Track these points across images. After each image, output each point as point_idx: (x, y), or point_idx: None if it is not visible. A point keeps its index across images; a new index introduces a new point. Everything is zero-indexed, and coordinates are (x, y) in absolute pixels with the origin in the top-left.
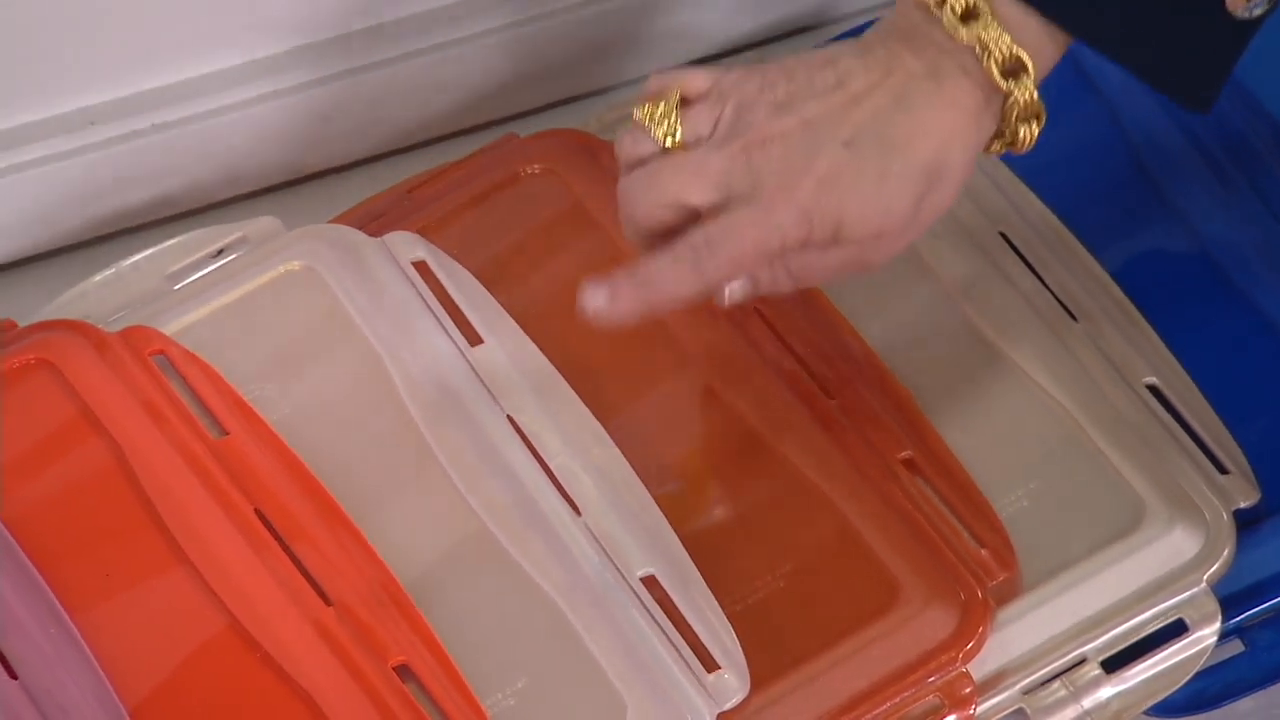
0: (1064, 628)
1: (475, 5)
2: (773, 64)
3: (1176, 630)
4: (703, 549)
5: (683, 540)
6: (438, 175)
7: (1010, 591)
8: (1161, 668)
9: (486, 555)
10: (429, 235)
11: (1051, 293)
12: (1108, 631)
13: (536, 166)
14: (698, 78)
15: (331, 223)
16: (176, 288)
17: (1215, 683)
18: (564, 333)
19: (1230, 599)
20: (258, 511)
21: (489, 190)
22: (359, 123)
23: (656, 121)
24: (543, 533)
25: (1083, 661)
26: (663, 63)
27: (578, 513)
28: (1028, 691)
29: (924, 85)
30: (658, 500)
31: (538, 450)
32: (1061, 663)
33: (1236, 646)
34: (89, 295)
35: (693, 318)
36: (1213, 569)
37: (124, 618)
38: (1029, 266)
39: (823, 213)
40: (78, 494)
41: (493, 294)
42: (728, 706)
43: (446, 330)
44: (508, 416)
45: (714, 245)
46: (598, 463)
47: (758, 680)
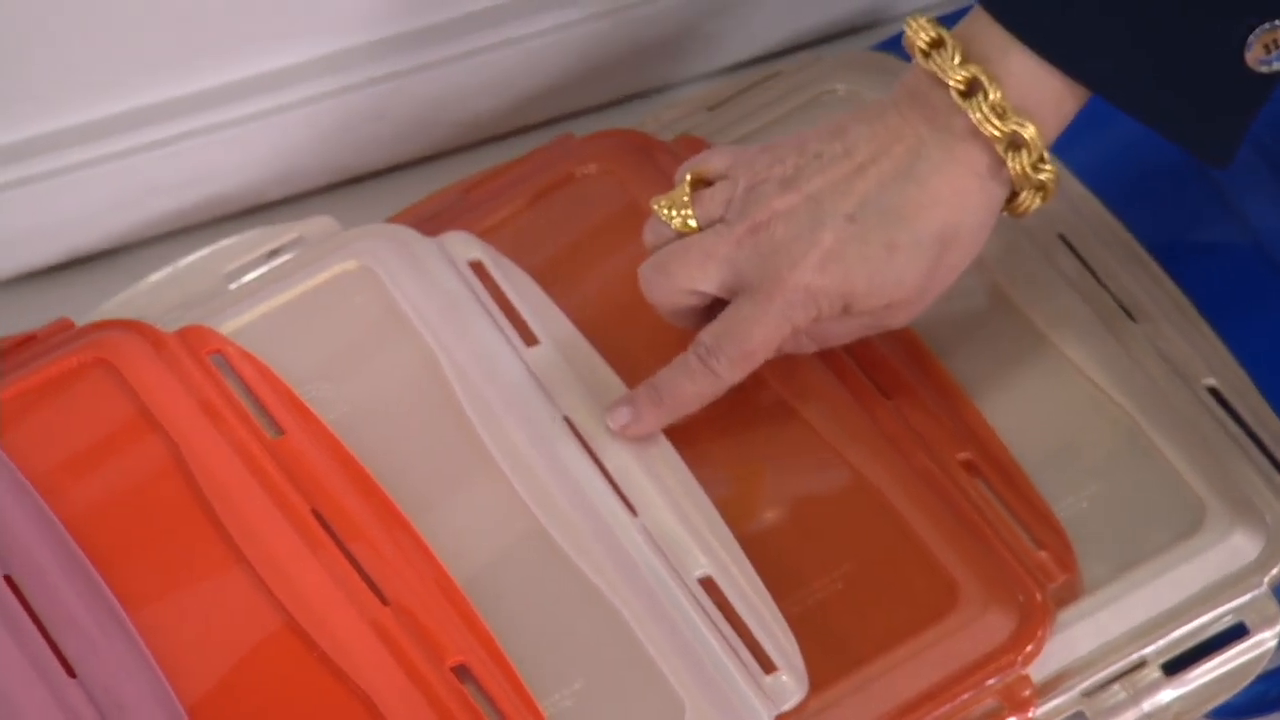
0: (1124, 630)
1: (530, 4)
2: (790, 137)
3: (1237, 633)
4: (760, 550)
5: (740, 541)
6: (493, 175)
7: (1070, 594)
8: (1222, 671)
9: (543, 555)
10: (485, 235)
11: (1110, 293)
12: (1168, 634)
13: (592, 166)
14: (715, 159)
15: (387, 222)
16: (233, 287)
17: (1276, 686)
18: (619, 333)
19: None
20: (314, 511)
21: (545, 190)
22: (414, 122)
23: (671, 209)
24: (599, 533)
25: (1143, 664)
26: (717, 62)
27: (634, 514)
28: (1088, 694)
29: (933, 151)
30: (714, 501)
31: (594, 451)
32: (1121, 665)
33: None
34: (145, 295)
35: None
36: (1274, 571)
37: (181, 617)
38: (1087, 267)
39: (827, 291)
40: (135, 493)
41: (548, 294)
42: (785, 708)
43: (502, 330)
44: (564, 417)
45: (722, 349)
46: (654, 463)
47: (816, 682)
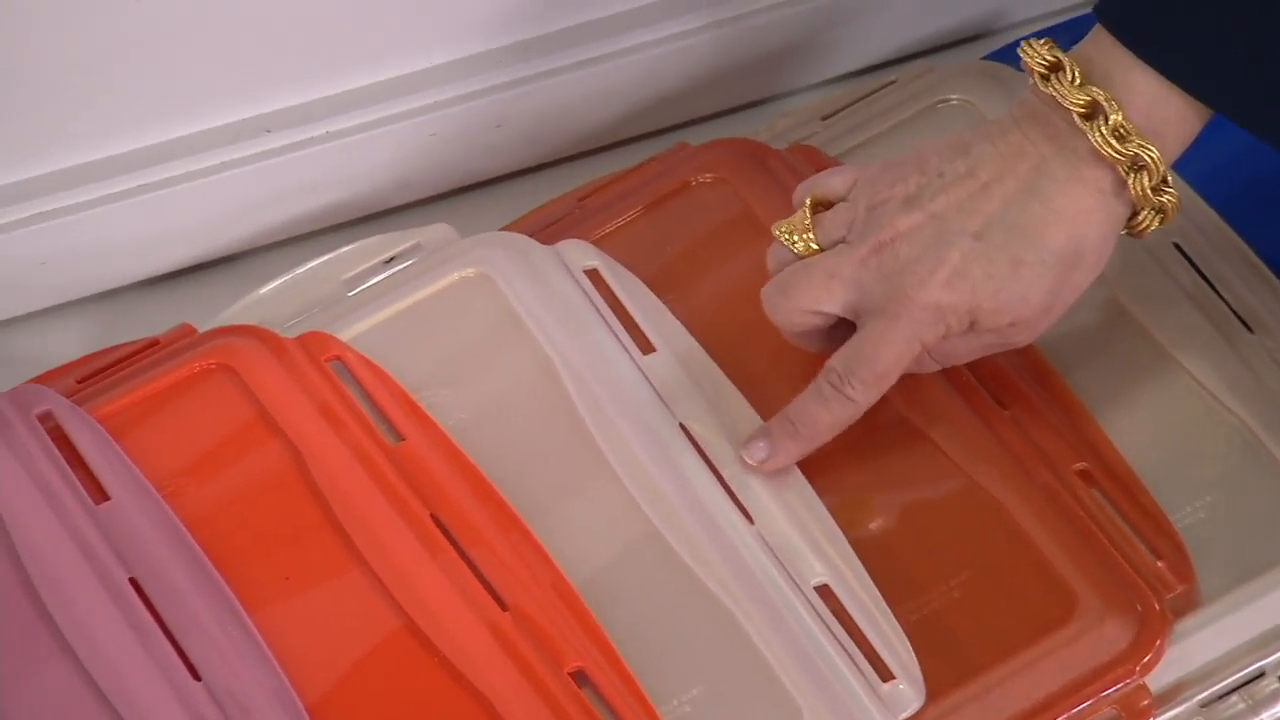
0: (1242, 641)
1: (650, 13)
2: (910, 154)
3: None
4: (876, 558)
5: (856, 550)
6: (609, 183)
7: (1188, 604)
8: None
9: (661, 561)
10: (600, 243)
11: (1226, 304)
12: None
13: (708, 175)
14: (835, 180)
15: (503, 230)
16: (352, 294)
17: None
18: (734, 340)
19: None
20: (434, 517)
21: (660, 199)
22: (531, 130)
23: (792, 233)
24: (716, 540)
25: (1261, 675)
26: (831, 71)
27: (751, 521)
28: (1205, 705)
29: (1057, 170)
30: (830, 510)
31: (710, 459)
32: (1240, 676)
33: None
34: (265, 301)
35: None
36: None
37: (302, 619)
38: (1204, 278)
39: (955, 308)
40: (256, 497)
41: (663, 302)
42: (903, 717)
43: (618, 338)
44: (680, 425)
45: (854, 372)
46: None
47: (933, 691)
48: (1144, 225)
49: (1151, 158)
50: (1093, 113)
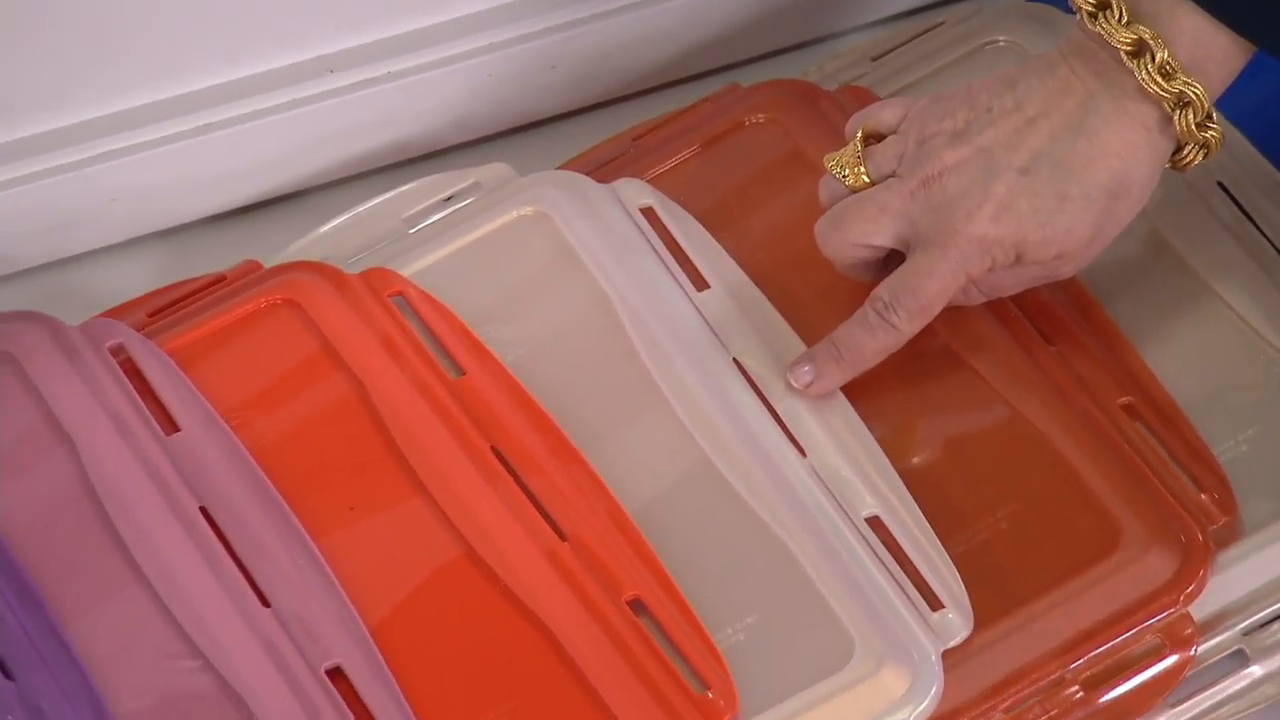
0: None
1: None
2: (959, 89)
3: None
4: (925, 491)
5: (906, 482)
6: (663, 123)
7: (1231, 535)
8: None
9: (715, 494)
10: (655, 182)
11: (1268, 239)
12: None
13: (759, 116)
14: (886, 112)
15: (560, 169)
16: (412, 231)
17: None
18: (786, 278)
19: None
20: (494, 448)
21: (713, 138)
22: (585, 71)
23: (843, 166)
24: (770, 473)
25: None
26: (880, 12)
27: (803, 454)
28: (1247, 633)
29: (1103, 105)
30: (880, 441)
31: (763, 393)
32: None
33: None
34: (329, 237)
35: None
36: None
37: (366, 547)
38: (1245, 214)
39: (1001, 241)
40: (321, 428)
41: (717, 239)
42: (951, 644)
43: (673, 274)
44: (734, 360)
45: (900, 301)
46: (822, 406)
47: (981, 619)
48: (1188, 160)
49: (1196, 94)
50: (1139, 50)
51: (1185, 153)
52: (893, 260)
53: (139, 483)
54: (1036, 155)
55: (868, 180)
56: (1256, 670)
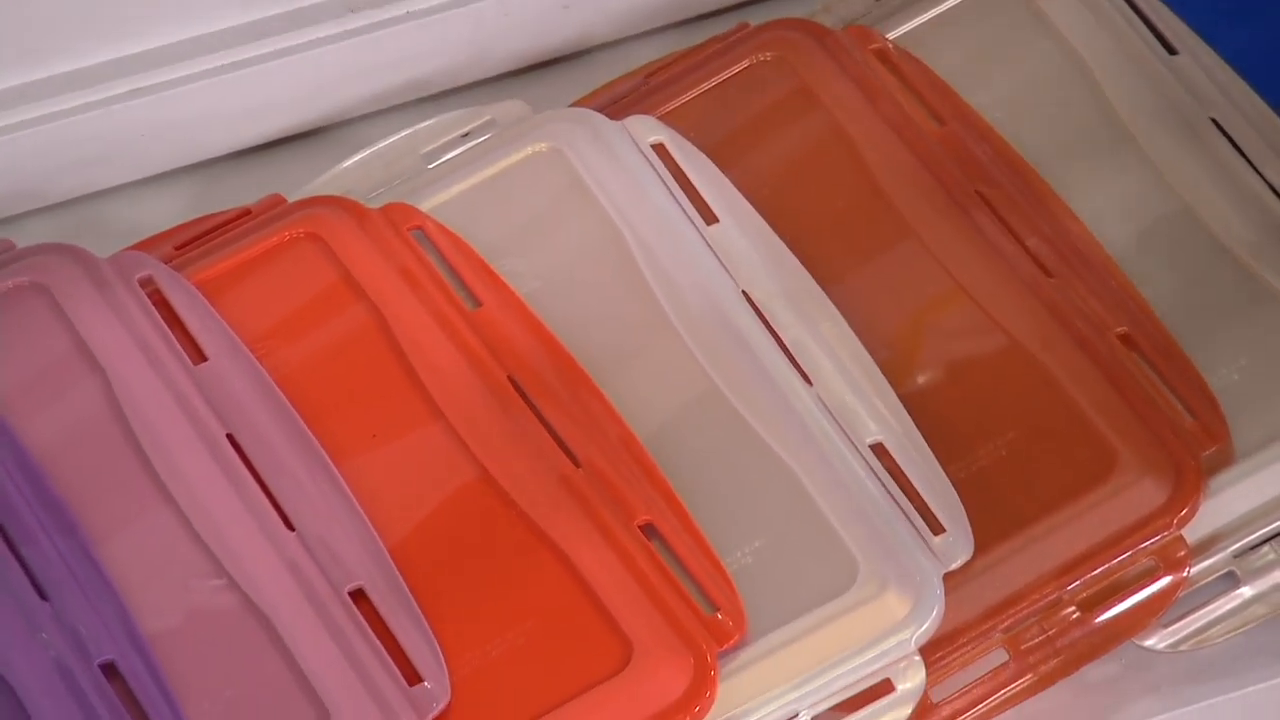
0: (1274, 495)
1: None
2: None
3: None
4: (927, 419)
5: (908, 410)
6: (673, 61)
7: (1222, 460)
8: None
9: (723, 421)
10: (666, 119)
11: (1260, 175)
12: None
13: (767, 54)
14: None
15: (573, 106)
16: (430, 167)
17: None
18: (792, 211)
19: None
20: (510, 378)
21: (722, 76)
22: (597, 9)
23: None
24: (777, 401)
25: None
26: None
27: (809, 383)
28: (1238, 555)
29: None
30: (883, 371)
31: (771, 324)
32: (1271, 528)
33: None
34: (350, 173)
35: (916, 194)
36: None
37: (386, 472)
38: (1242, 155)
39: None
40: (343, 358)
41: (726, 175)
42: (953, 567)
43: (683, 209)
44: (742, 291)
45: None
46: (828, 336)
47: (981, 543)
48: None
49: None
50: None
51: None
52: None
53: (168, 410)
54: None
55: None
56: (1246, 591)
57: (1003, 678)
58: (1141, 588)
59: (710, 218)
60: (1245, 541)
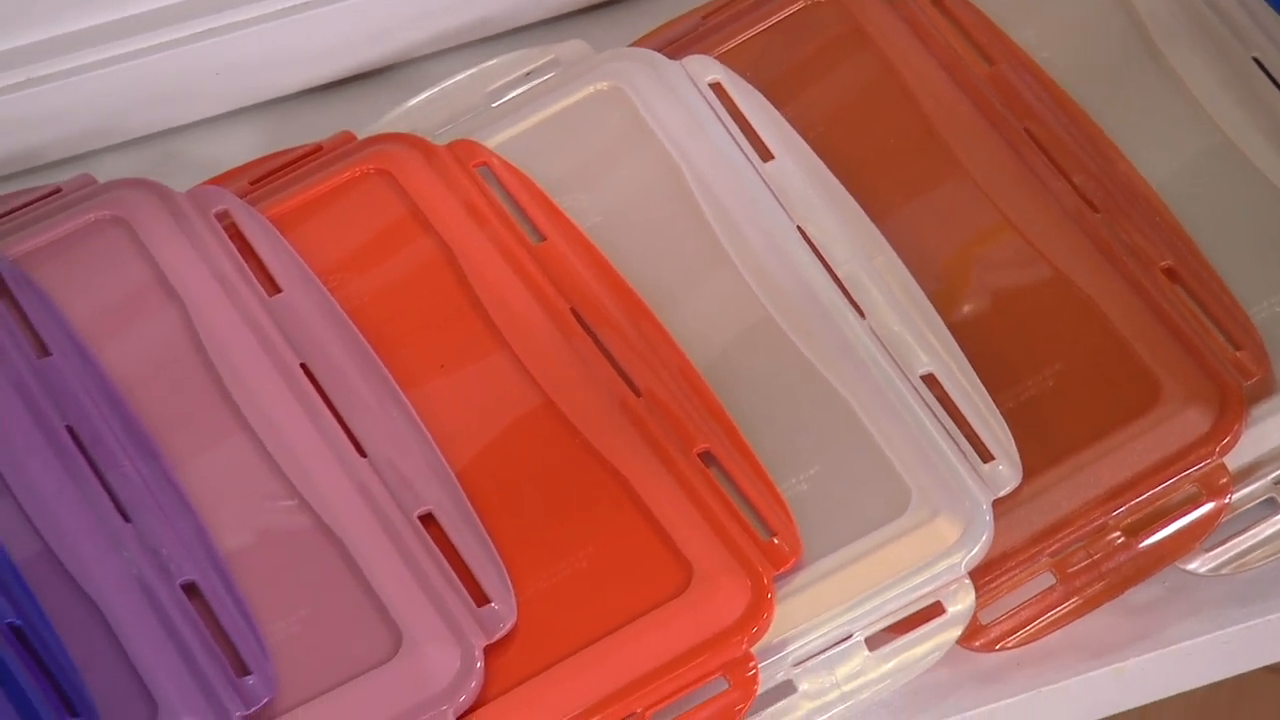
0: None
1: None
2: None
3: None
4: (976, 349)
5: (957, 340)
6: (730, 3)
7: (1264, 390)
8: None
9: (779, 352)
10: (723, 58)
11: None
12: None
13: None
14: None
15: (633, 46)
16: (495, 105)
17: None
18: (846, 149)
19: None
20: (573, 310)
21: (777, 17)
22: None
23: None
24: (831, 333)
25: None
26: None
27: (862, 315)
28: (1278, 482)
29: None
30: (934, 302)
31: (825, 258)
32: None
33: None
34: (417, 110)
35: (966, 132)
36: None
37: (454, 400)
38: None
39: None
40: (411, 290)
41: (781, 113)
42: (1001, 494)
43: (740, 146)
44: (797, 227)
45: None
46: (880, 269)
47: (1029, 470)
48: None
49: None
50: None
51: None
52: None
53: (244, 340)
54: None
55: None
56: None
57: (1050, 600)
58: (1184, 513)
59: (766, 155)
60: None
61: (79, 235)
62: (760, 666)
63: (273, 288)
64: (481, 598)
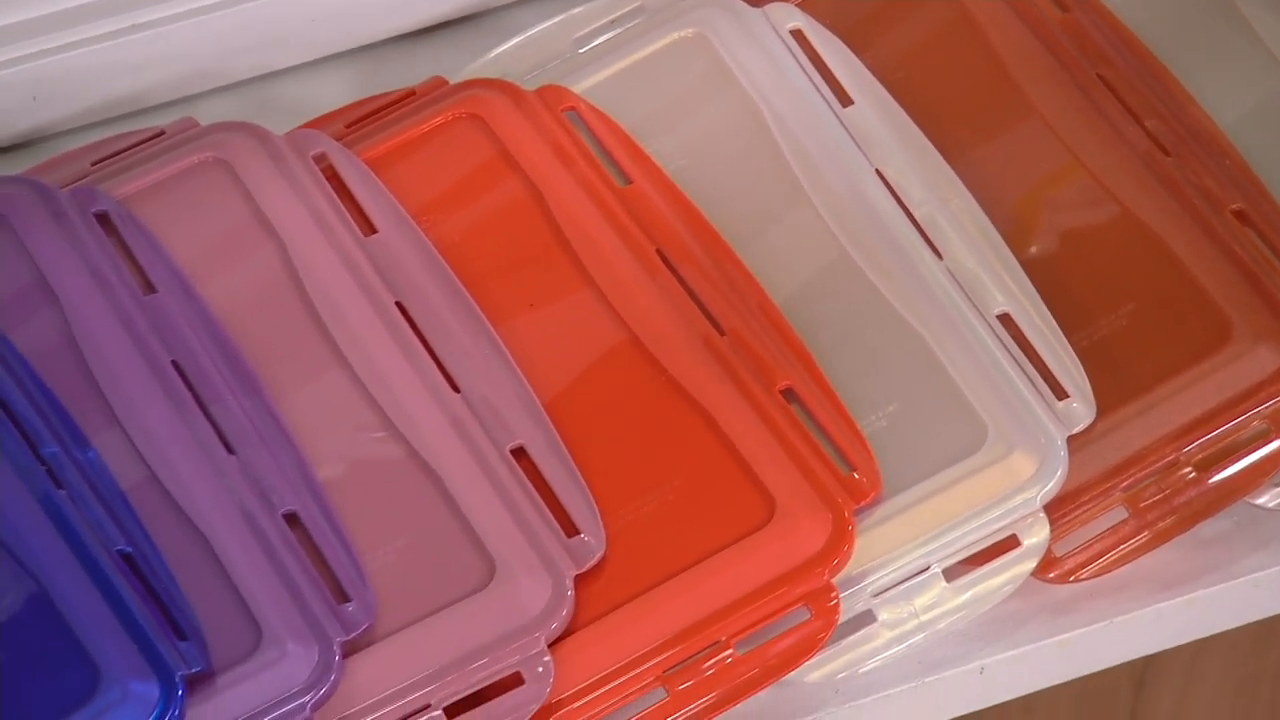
0: None
1: None
2: None
3: None
4: (1050, 289)
5: (1032, 281)
6: None
7: None
8: None
9: (858, 292)
10: (804, 6)
11: None
12: None
13: None
14: None
15: None
16: (581, 51)
17: None
18: (923, 94)
19: None
20: (659, 250)
21: None
22: None
23: None
24: (909, 272)
25: None
26: None
27: (939, 256)
28: None
29: None
30: (1009, 244)
31: (903, 201)
32: None
33: None
34: (506, 56)
35: (1040, 77)
36: None
37: (545, 338)
38: None
39: None
40: (502, 230)
41: (860, 60)
42: (1076, 430)
43: (820, 91)
44: (876, 170)
45: None
46: (956, 211)
47: (1102, 408)
48: None
49: None
50: None
51: None
52: None
53: (341, 279)
54: None
55: None
56: None
57: (1122, 534)
58: (1254, 449)
59: (845, 100)
60: None
61: (182, 176)
62: (841, 597)
63: (368, 228)
64: (572, 529)
